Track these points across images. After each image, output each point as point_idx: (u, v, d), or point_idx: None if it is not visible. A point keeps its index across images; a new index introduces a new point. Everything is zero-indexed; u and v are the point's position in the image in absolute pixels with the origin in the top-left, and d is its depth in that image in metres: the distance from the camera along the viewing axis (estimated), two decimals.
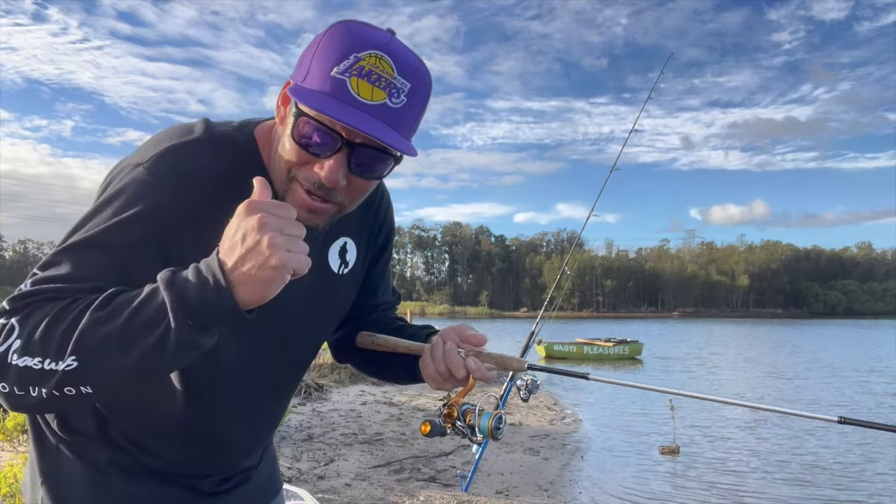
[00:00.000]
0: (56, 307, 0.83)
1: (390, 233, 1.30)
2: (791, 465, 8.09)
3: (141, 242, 0.92)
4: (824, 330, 60.03)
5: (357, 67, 0.89)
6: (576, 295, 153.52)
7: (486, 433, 1.07)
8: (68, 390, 0.80)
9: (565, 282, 4.04)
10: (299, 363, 1.22)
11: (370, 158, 0.94)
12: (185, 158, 0.97)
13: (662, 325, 77.51)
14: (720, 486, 7.08)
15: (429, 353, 1.11)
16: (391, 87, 0.91)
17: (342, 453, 7.05)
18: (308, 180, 0.95)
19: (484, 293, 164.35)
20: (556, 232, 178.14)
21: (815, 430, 10.28)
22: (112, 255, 0.90)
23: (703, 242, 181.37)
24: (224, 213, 0.93)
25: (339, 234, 1.17)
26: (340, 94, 0.89)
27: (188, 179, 0.96)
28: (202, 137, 1.01)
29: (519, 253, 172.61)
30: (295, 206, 0.94)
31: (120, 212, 0.91)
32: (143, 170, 0.94)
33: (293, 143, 0.93)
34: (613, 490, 6.72)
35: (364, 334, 1.25)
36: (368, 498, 5.51)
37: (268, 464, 1.33)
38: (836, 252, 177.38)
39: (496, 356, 1.08)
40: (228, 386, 1.08)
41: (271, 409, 1.22)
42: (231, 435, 1.15)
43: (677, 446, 8.56)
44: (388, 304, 1.37)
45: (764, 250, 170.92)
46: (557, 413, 10.93)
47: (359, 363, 1.34)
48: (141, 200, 0.92)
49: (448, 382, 1.09)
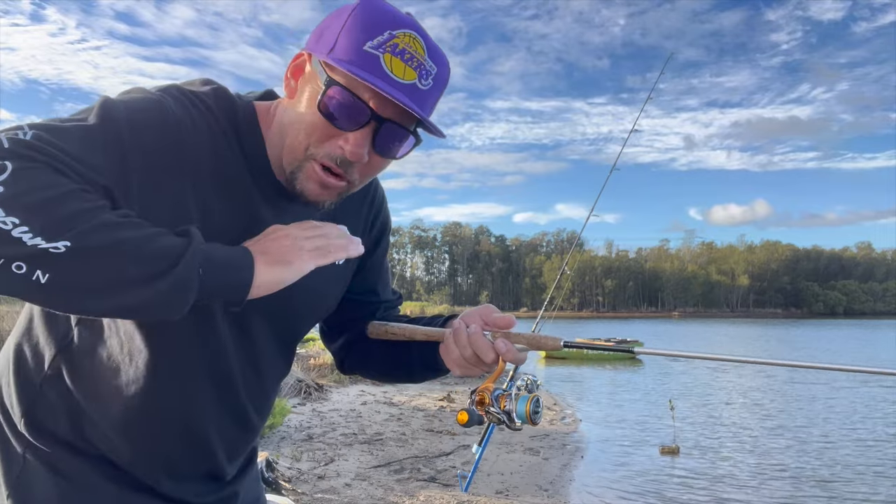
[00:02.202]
0: (64, 184, 0.72)
1: (385, 226, 1.26)
2: (791, 466, 8.09)
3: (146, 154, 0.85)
4: (827, 330, 60.01)
5: (391, 44, 0.88)
6: (576, 295, 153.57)
7: (525, 418, 1.01)
8: (17, 267, 0.68)
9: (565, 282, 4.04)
10: (286, 355, 1.16)
11: (396, 136, 0.93)
12: (188, 100, 0.93)
13: (663, 325, 77.53)
14: (720, 486, 7.08)
15: (452, 338, 1.04)
16: (422, 68, 0.90)
17: (342, 453, 7.05)
18: (329, 156, 0.92)
19: (484, 293, 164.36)
20: (556, 232, 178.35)
21: (814, 429, 10.29)
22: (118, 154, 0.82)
23: (703, 242, 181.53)
24: (218, 167, 0.93)
25: (336, 222, 1.09)
26: (373, 68, 0.87)
27: (190, 117, 0.91)
28: (207, 91, 0.97)
29: (519, 253, 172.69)
30: (308, 181, 0.94)
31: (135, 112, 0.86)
32: (148, 92, 0.91)
33: (317, 115, 0.90)
34: (613, 490, 6.72)
35: (376, 324, 1.18)
36: (368, 498, 5.51)
37: (254, 482, 1.25)
38: (836, 252, 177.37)
39: (527, 336, 1.02)
40: (203, 370, 1.00)
41: (255, 400, 1.12)
42: (207, 427, 1.05)
43: (677, 446, 8.56)
44: (391, 303, 1.30)
45: (764, 250, 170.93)
46: (557, 413, 10.93)
47: (366, 368, 1.28)
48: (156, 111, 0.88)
49: (476, 368, 1.04)
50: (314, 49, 0.92)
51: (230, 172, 0.96)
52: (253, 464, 1.25)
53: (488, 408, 1.03)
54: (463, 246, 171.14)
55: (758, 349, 31.96)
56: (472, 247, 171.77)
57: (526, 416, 1.01)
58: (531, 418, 1.01)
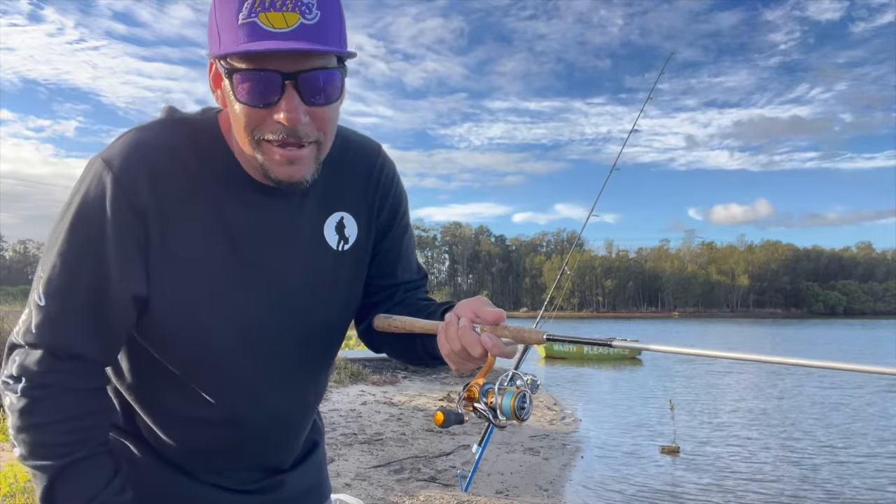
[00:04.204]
0: (43, 415, 0.95)
1: (397, 205, 1.21)
2: (791, 465, 8.09)
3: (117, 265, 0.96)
4: (827, 330, 59.99)
5: (259, 3, 0.87)
6: (576, 295, 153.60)
7: (510, 414, 0.96)
8: None
9: (565, 282, 4.03)
10: (310, 347, 1.15)
11: (317, 81, 0.91)
12: (140, 143, 0.98)
13: (663, 325, 77.53)
14: (720, 485, 7.08)
15: (442, 333, 1.01)
16: (300, 4, 0.88)
17: (342, 453, 7.05)
18: (274, 132, 0.92)
19: (484, 293, 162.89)
20: (556, 232, 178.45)
21: (815, 429, 10.29)
22: (94, 303, 0.95)
23: (703, 242, 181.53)
24: (184, 191, 0.98)
25: (334, 208, 1.12)
26: (255, 34, 0.87)
27: (148, 166, 0.97)
28: (160, 120, 1.03)
29: (519, 253, 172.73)
30: (274, 164, 0.94)
31: (88, 238, 0.95)
32: (101, 163, 0.96)
33: (242, 106, 0.91)
34: (613, 490, 6.73)
35: (380, 317, 1.15)
36: (368, 498, 5.51)
37: (308, 472, 1.26)
38: (836, 252, 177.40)
39: (512, 329, 0.99)
40: (228, 367, 1.06)
41: (287, 395, 1.14)
42: (244, 431, 1.11)
43: (677, 446, 8.56)
44: (413, 284, 1.26)
45: (764, 250, 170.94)
46: (557, 413, 10.93)
47: (391, 349, 1.24)
48: (103, 210, 0.95)
49: (468, 362, 1.01)
50: (210, 52, 0.94)
51: (194, 188, 0.99)
52: (312, 454, 1.28)
53: (474, 403, 0.99)
54: (463, 246, 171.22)
55: (766, 349, 31.95)
56: (472, 247, 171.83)
57: (511, 412, 0.96)
58: (516, 413, 0.96)
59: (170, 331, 1.01)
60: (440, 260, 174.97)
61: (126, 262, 0.96)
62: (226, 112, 1.01)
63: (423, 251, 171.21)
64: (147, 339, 1.03)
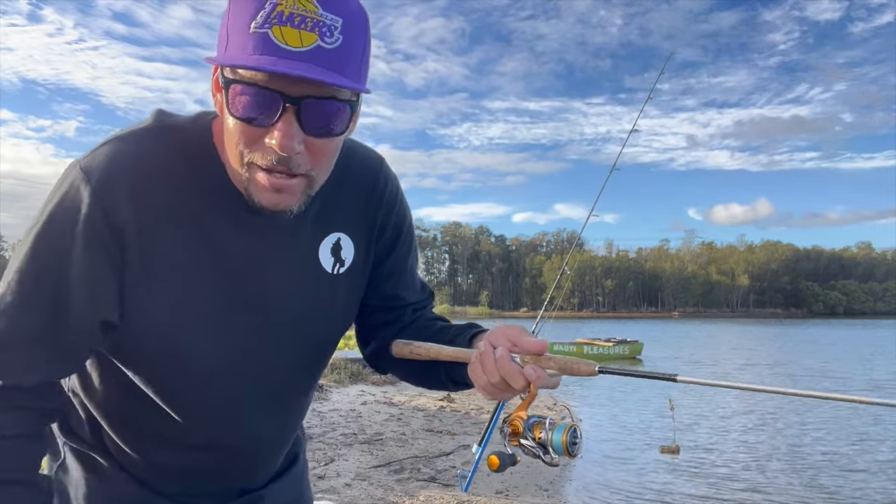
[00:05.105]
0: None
1: (400, 224, 1.14)
2: (791, 466, 8.09)
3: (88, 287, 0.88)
4: (832, 331, 60.01)
5: (276, 14, 0.78)
6: (576, 295, 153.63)
7: (562, 451, 0.91)
8: None
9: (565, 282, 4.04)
10: (298, 372, 1.10)
11: (321, 111, 0.83)
12: (124, 154, 0.89)
13: (663, 325, 77.54)
14: (720, 485, 7.08)
15: (479, 362, 0.95)
16: (320, 26, 0.79)
17: (342, 453, 7.05)
18: (265, 157, 0.84)
19: (484, 293, 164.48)
20: (556, 232, 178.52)
21: (817, 430, 10.29)
22: (56, 328, 0.88)
23: (703, 242, 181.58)
24: (168, 208, 0.90)
25: (331, 229, 1.05)
26: (265, 48, 0.78)
27: (131, 179, 0.89)
28: (147, 127, 0.93)
29: (519, 253, 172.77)
30: (259, 189, 0.87)
31: (54, 255, 0.87)
32: (79, 172, 0.88)
33: (235, 121, 0.83)
34: (614, 490, 6.73)
35: (399, 343, 1.09)
36: (368, 498, 5.51)
37: (287, 487, 1.22)
38: (836, 252, 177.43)
39: (560, 360, 0.93)
40: (209, 392, 1.00)
41: (271, 419, 1.09)
42: (224, 445, 1.06)
43: (677, 446, 8.56)
44: (421, 304, 1.20)
45: (764, 250, 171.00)
46: (557, 413, 10.93)
47: (401, 372, 1.19)
48: (75, 226, 0.87)
49: (505, 393, 0.96)
50: (216, 55, 0.85)
51: (180, 205, 0.92)
52: (292, 466, 1.23)
53: (520, 439, 0.94)
54: (463, 246, 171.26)
55: (774, 350, 31.93)
56: (472, 247, 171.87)
57: (563, 448, 0.91)
58: (568, 450, 0.91)
59: (149, 354, 0.95)
60: (440, 260, 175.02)
61: (95, 285, 0.88)
62: (220, 119, 0.93)
63: (423, 251, 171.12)
64: (123, 360, 0.97)
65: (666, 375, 0.87)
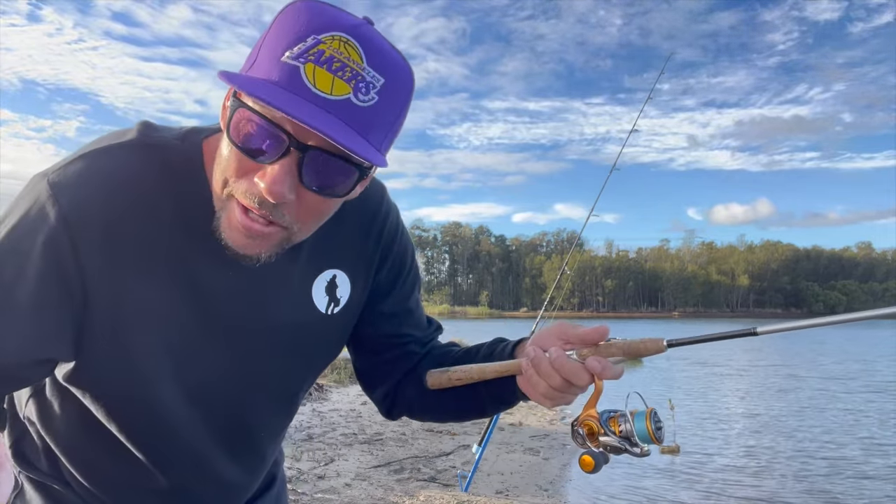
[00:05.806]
0: None
1: (402, 261, 1.05)
2: (791, 464, 8.09)
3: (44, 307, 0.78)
4: (833, 331, 59.88)
5: (315, 52, 0.70)
6: (576, 295, 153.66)
7: (649, 438, 0.86)
8: None
9: (565, 282, 4.04)
10: (276, 414, 1.04)
11: (327, 167, 0.73)
12: (100, 176, 0.80)
13: (663, 325, 77.53)
14: (721, 485, 7.08)
15: (532, 370, 0.87)
16: (358, 78, 0.71)
17: (342, 453, 7.05)
18: (248, 194, 0.74)
19: (484, 293, 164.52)
20: (556, 232, 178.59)
21: (817, 430, 10.28)
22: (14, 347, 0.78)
23: (703, 242, 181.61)
24: (145, 241, 0.81)
25: (326, 265, 0.96)
26: (291, 83, 0.70)
27: (105, 203, 0.79)
28: (129, 143, 0.84)
29: (519, 253, 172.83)
30: (230, 228, 0.78)
31: (16, 264, 0.77)
32: (47, 188, 0.78)
33: (231, 146, 0.75)
34: (614, 489, 6.72)
35: (435, 374, 0.99)
36: (368, 498, 5.51)
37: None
38: (836, 252, 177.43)
39: (622, 344, 0.86)
40: (178, 436, 0.93)
41: (243, 461, 1.03)
42: (192, 490, 1.00)
43: (677, 445, 8.56)
44: (427, 338, 1.11)
45: (764, 250, 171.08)
46: (557, 413, 10.93)
47: (433, 411, 1.08)
48: (31, 249, 0.77)
49: (567, 396, 0.90)
50: (241, 71, 0.76)
51: (159, 239, 0.83)
52: (271, 487, 1.16)
53: (599, 437, 0.88)
54: (463, 246, 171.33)
55: (774, 349, 31.93)
56: (472, 247, 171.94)
57: (649, 435, 0.86)
58: (654, 435, 0.86)
59: (113, 395, 0.88)
60: (440, 260, 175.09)
61: (42, 317, 0.78)
62: (213, 139, 0.86)
63: (423, 251, 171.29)
64: (85, 399, 0.89)
65: (744, 332, 0.79)
